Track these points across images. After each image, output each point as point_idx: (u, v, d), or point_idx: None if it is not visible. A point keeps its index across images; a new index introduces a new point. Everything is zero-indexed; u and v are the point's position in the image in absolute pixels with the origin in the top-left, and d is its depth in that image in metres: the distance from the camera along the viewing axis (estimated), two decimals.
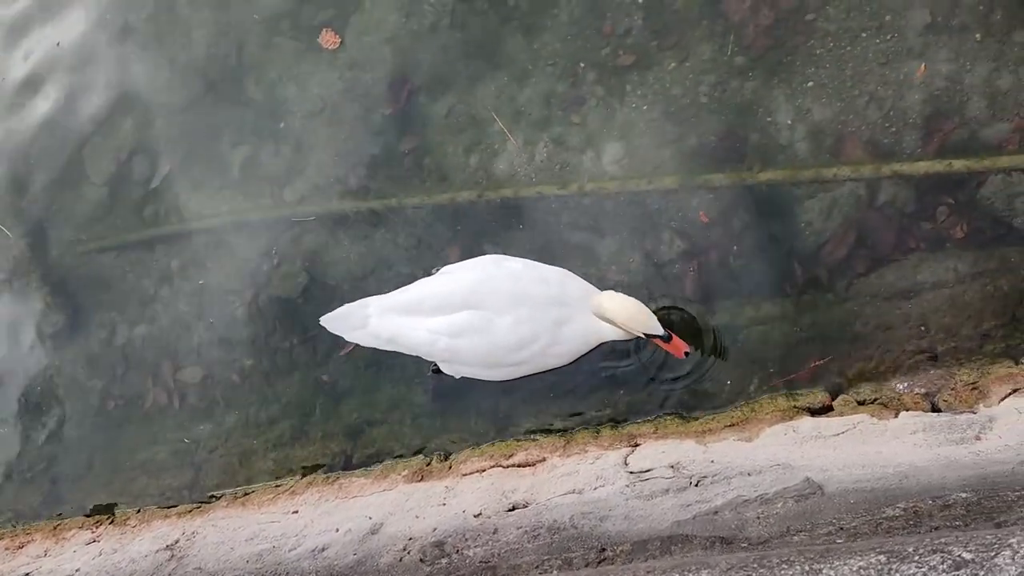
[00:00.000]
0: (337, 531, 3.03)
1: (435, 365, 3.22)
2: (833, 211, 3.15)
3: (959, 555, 1.45)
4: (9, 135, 4.28)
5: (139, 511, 3.50)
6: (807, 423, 2.87)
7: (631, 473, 2.89)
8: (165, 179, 4.00)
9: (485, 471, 3.13)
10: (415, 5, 3.77)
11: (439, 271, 3.18)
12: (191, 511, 3.38)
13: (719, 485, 2.72)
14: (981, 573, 1.41)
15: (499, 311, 2.92)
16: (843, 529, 2.28)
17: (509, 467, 3.12)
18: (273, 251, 3.76)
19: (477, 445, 3.29)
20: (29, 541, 3.47)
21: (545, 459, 3.10)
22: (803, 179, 3.16)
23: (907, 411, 2.79)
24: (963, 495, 2.25)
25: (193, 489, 3.52)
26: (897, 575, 1.45)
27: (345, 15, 3.86)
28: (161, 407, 3.71)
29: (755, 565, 1.56)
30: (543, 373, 3.13)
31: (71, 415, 3.83)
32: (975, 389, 2.78)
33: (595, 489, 2.88)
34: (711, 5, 3.38)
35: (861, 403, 2.91)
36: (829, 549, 1.58)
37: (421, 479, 3.19)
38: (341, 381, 3.55)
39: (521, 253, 3.17)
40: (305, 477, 3.39)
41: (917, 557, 1.48)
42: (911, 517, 2.20)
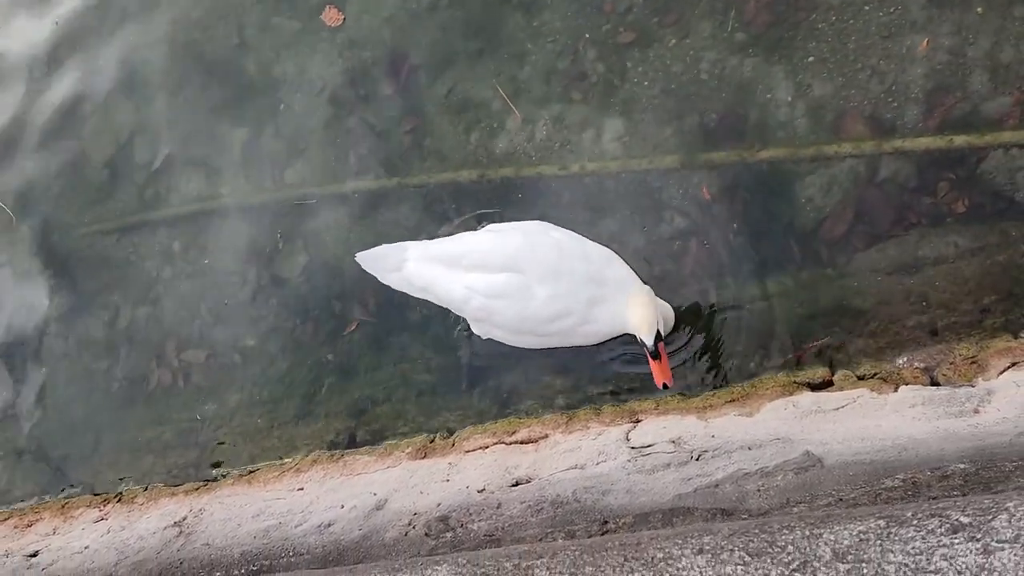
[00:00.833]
0: (342, 507, 3.06)
1: (466, 325, 3.19)
2: (833, 187, 3.16)
3: (957, 519, 1.48)
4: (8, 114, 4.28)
5: (146, 489, 3.53)
6: (807, 398, 2.89)
7: (633, 448, 2.92)
8: (166, 161, 4.00)
9: (488, 448, 3.16)
10: None
11: (485, 228, 3.15)
12: (198, 489, 3.41)
13: (720, 459, 2.75)
14: (978, 536, 1.43)
15: (539, 280, 2.89)
16: (842, 500, 2.30)
17: (512, 444, 3.14)
18: (275, 232, 3.78)
19: (480, 422, 3.31)
20: (37, 519, 3.50)
21: (547, 436, 3.12)
22: (803, 156, 3.16)
23: (907, 385, 2.80)
24: (961, 466, 2.27)
25: (199, 468, 3.55)
26: (896, 539, 1.47)
27: None
28: (166, 387, 3.74)
29: (756, 531, 1.59)
30: (564, 348, 3.13)
31: (77, 396, 3.85)
32: (974, 363, 2.80)
33: (597, 464, 2.90)
34: None
35: (861, 378, 2.93)
36: (829, 515, 1.61)
37: (425, 456, 3.22)
38: (344, 360, 3.57)
39: None
40: (310, 455, 3.41)
41: (916, 522, 1.50)
42: (909, 488, 2.22)
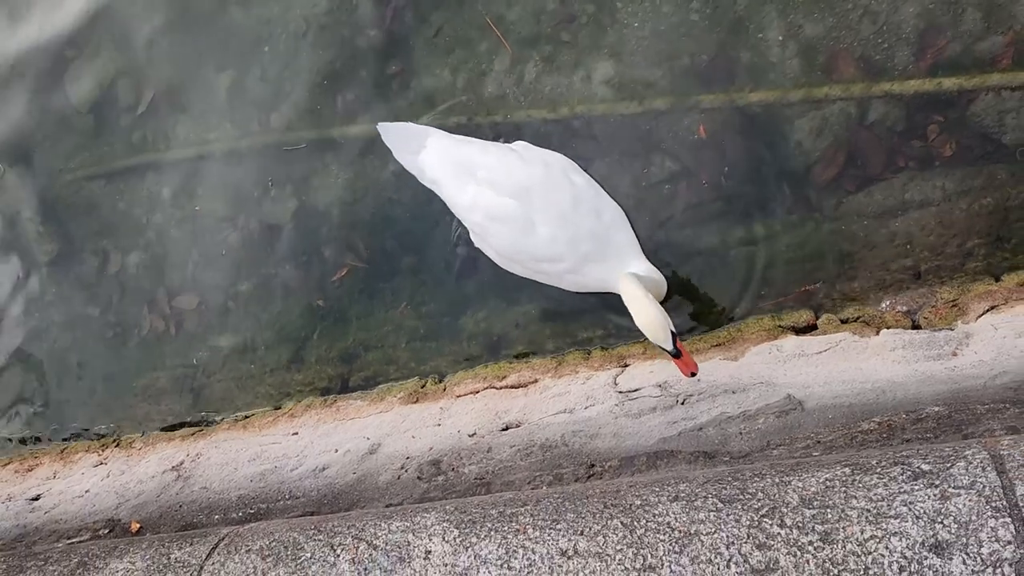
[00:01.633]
0: (336, 451, 3.14)
1: (459, 234, 3.21)
2: (823, 131, 3.14)
3: (918, 466, 1.53)
4: None
5: (143, 434, 3.60)
6: (791, 342, 2.94)
7: (620, 393, 2.98)
8: (151, 105, 3.96)
9: (479, 392, 3.22)
10: None
11: (513, 143, 3.14)
12: (194, 434, 3.48)
13: (704, 403, 2.81)
14: (937, 482, 1.49)
15: (544, 219, 2.88)
16: (820, 443, 2.37)
17: (502, 388, 3.20)
18: (263, 177, 3.76)
19: (470, 367, 3.36)
20: (37, 464, 3.58)
21: (537, 380, 3.18)
22: (793, 99, 3.13)
23: (888, 329, 2.85)
24: (936, 409, 2.33)
25: (194, 413, 3.62)
26: (860, 485, 1.53)
27: None
28: (159, 334, 3.78)
29: (729, 479, 1.64)
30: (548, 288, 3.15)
31: (71, 344, 3.90)
32: (955, 306, 2.84)
33: (586, 408, 2.97)
34: None
35: (844, 321, 2.97)
36: (799, 463, 1.66)
37: (416, 401, 3.28)
38: (335, 306, 3.60)
39: None
40: (303, 400, 3.48)
41: (879, 469, 1.56)
42: (884, 431, 2.29)
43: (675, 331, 2.63)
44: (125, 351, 3.84)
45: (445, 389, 3.30)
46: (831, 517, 1.51)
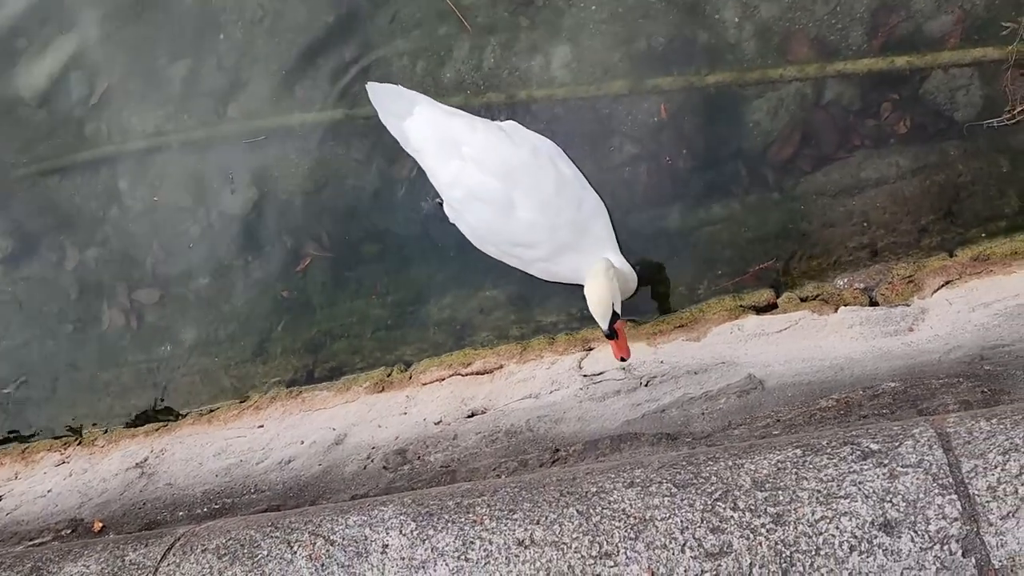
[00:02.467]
0: (302, 443, 3.13)
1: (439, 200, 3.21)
2: (780, 111, 3.16)
3: (867, 446, 1.56)
4: None
5: (106, 431, 3.57)
6: (752, 321, 2.97)
7: (585, 376, 2.99)
8: (104, 97, 3.88)
9: (444, 380, 3.22)
10: None
11: (503, 122, 3.12)
12: (158, 429, 3.45)
13: (667, 384, 2.83)
14: (886, 461, 1.52)
15: (525, 204, 2.86)
16: (780, 421, 2.41)
17: (468, 375, 3.21)
18: (223, 167, 3.71)
19: (436, 355, 3.36)
20: None
21: (503, 366, 3.18)
22: (750, 80, 3.15)
23: (846, 306, 2.89)
24: (892, 384, 2.38)
25: (158, 408, 3.58)
26: (811, 466, 1.56)
27: None
28: (119, 328, 3.73)
29: (683, 463, 1.66)
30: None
31: (29, 340, 3.83)
32: (911, 282, 2.89)
33: (551, 393, 2.98)
34: None
35: (804, 299, 3.01)
36: (752, 445, 1.69)
37: (382, 390, 3.28)
38: (299, 296, 3.58)
39: None
40: (268, 392, 3.46)
41: (829, 449, 1.58)
42: (842, 407, 2.32)
43: (618, 314, 2.64)
44: (86, 347, 3.79)
45: (411, 377, 3.30)
46: (783, 499, 1.54)
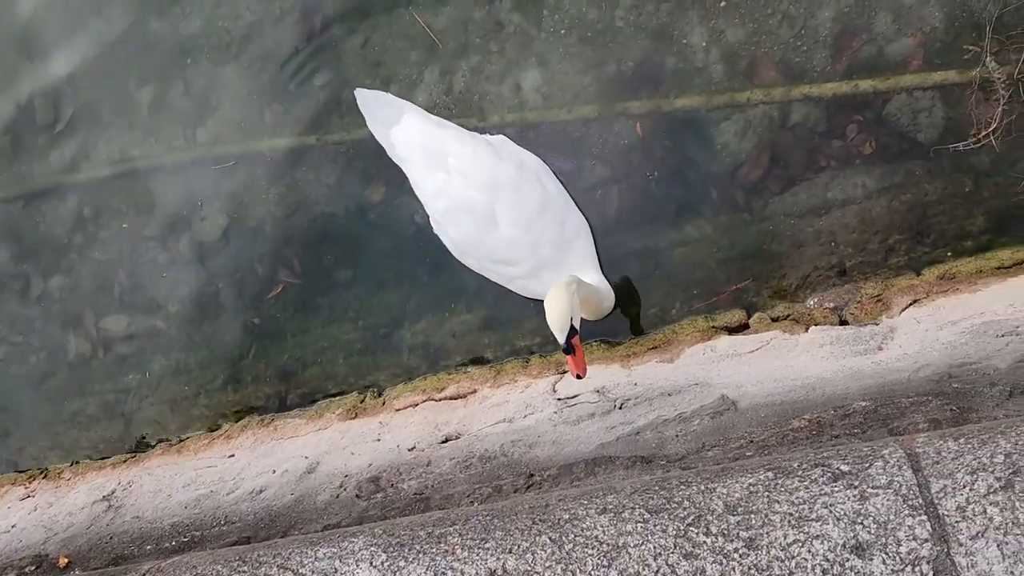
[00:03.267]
0: (274, 472, 3.08)
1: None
2: (748, 133, 3.19)
3: (837, 467, 1.57)
4: None
5: (72, 464, 3.49)
6: (724, 342, 2.98)
7: (559, 400, 2.98)
8: (70, 123, 3.83)
9: (418, 405, 3.19)
10: None
11: (492, 136, 3.12)
12: (126, 461, 3.38)
13: (641, 406, 2.83)
14: (856, 483, 1.52)
15: (508, 220, 2.86)
16: (753, 442, 2.41)
17: (442, 400, 3.18)
18: (191, 193, 3.67)
19: (410, 380, 3.34)
20: None
21: (476, 390, 3.16)
22: (718, 104, 3.18)
23: (816, 325, 2.91)
24: (863, 403, 2.39)
25: (126, 439, 3.51)
26: (782, 489, 1.55)
27: None
28: (86, 358, 3.66)
29: (656, 488, 1.66)
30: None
31: None
32: (879, 301, 2.92)
33: (525, 417, 2.97)
34: None
35: (775, 320, 3.03)
36: (724, 469, 1.68)
37: (355, 417, 3.24)
38: (271, 323, 3.54)
39: None
40: (240, 421, 3.40)
41: (800, 472, 1.58)
42: (814, 427, 2.33)
43: (576, 329, 2.59)
44: (52, 378, 3.71)
45: (384, 403, 3.27)
46: (755, 523, 1.53)
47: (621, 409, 2.86)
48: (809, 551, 1.49)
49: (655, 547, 1.54)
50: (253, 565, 1.85)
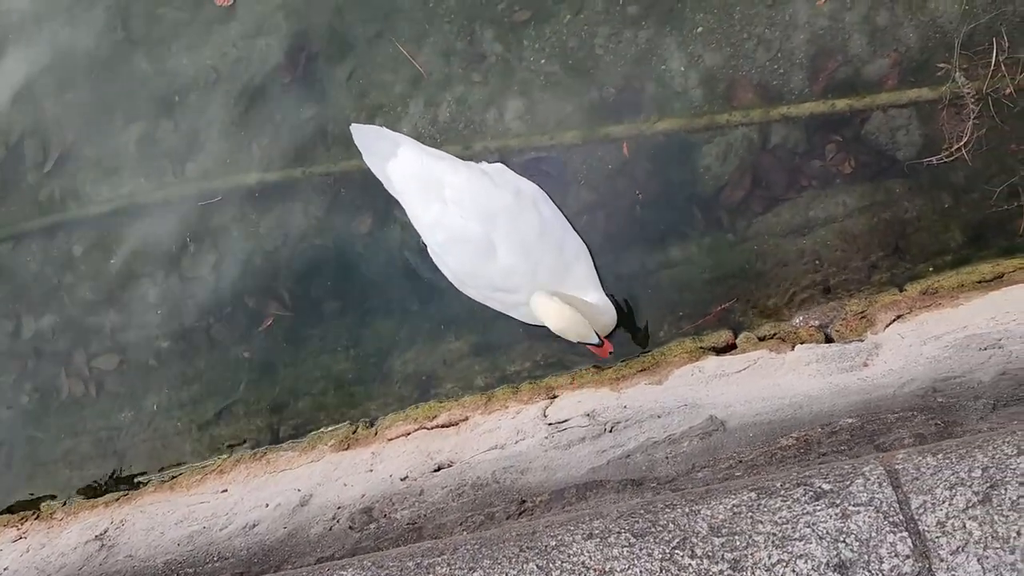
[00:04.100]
0: (267, 506, 3.07)
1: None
2: (729, 155, 3.24)
3: (819, 486, 1.58)
4: None
5: (65, 503, 3.48)
6: (712, 362, 3.00)
7: (550, 425, 2.99)
8: (58, 162, 3.86)
9: (410, 434, 3.20)
10: None
11: (489, 164, 3.14)
12: (118, 499, 3.37)
13: (631, 429, 2.84)
14: (838, 501, 1.54)
15: (506, 248, 2.87)
16: (742, 462, 2.42)
17: (433, 428, 3.19)
18: (181, 229, 3.70)
19: (401, 409, 3.34)
20: None
21: (468, 418, 3.17)
22: (698, 126, 3.23)
23: (803, 344, 2.93)
24: (849, 420, 2.41)
25: (118, 477, 3.51)
26: (765, 509, 1.57)
27: None
28: (78, 397, 3.66)
29: (641, 512, 1.67)
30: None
31: None
32: (864, 318, 2.94)
33: (516, 443, 2.97)
34: None
35: (761, 339, 3.05)
36: (708, 490, 1.70)
37: (348, 447, 3.24)
38: (262, 356, 3.55)
39: None
40: (232, 455, 3.40)
41: (783, 491, 1.60)
42: (802, 446, 2.35)
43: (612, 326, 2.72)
44: (44, 418, 3.71)
45: (376, 433, 3.27)
46: (739, 544, 1.54)
47: (611, 432, 2.87)
48: (793, 571, 1.50)
49: (641, 571, 1.55)
50: None
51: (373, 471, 3.07)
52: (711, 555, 1.54)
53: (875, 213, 3.11)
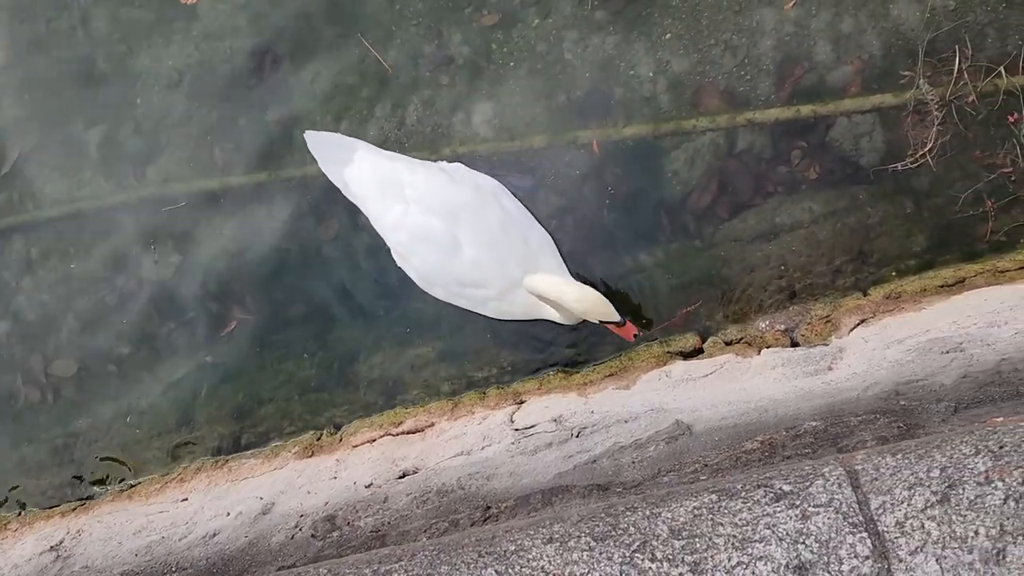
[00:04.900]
0: (228, 515, 3.01)
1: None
2: (696, 160, 3.25)
3: (779, 488, 1.57)
4: None
5: (20, 513, 3.38)
6: (679, 367, 2.99)
7: (516, 430, 2.96)
8: (16, 165, 3.77)
9: (375, 441, 3.15)
10: None
11: (446, 164, 3.12)
12: (75, 509, 3.28)
13: (599, 434, 2.82)
14: (797, 502, 1.53)
15: (471, 243, 2.86)
16: (707, 466, 2.41)
17: (399, 435, 3.15)
18: (142, 232, 3.63)
19: (367, 415, 3.30)
20: None
21: (434, 424, 3.14)
22: (665, 132, 3.24)
23: (768, 348, 2.94)
24: (813, 423, 2.41)
25: (76, 486, 3.42)
26: (726, 511, 1.55)
27: None
28: (34, 404, 3.57)
29: (602, 515, 1.64)
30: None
31: None
32: (828, 322, 2.96)
33: (482, 449, 2.94)
34: None
35: (728, 343, 3.05)
36: (669, 493, 1.68)
37: (312, 455, 3.19)
38: (225, 362, 3.49)
39: None
40: (193, 463, 3.33)
41: (744, 493, 1.58)
42: (767, 449, 2.34)
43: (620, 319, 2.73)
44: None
45: (341, 440, 3.22)
46: (700, 546, 1.52)
47: (578, 437, 2.85)
48: (753, 573, 1.48)
49: (601, 575, 1.53)
50: None
51: (337, 478, 3.02)
52: (671, 558, 1.53)
53: (840, 219, 3.13)
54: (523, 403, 3.11)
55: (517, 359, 3.30)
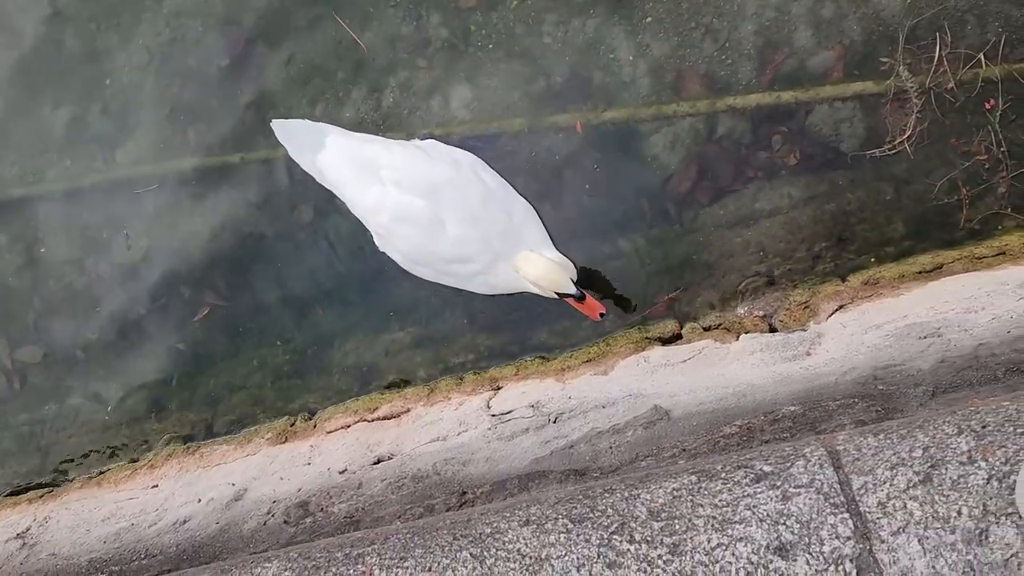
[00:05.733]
0: (199, 501, 2.95)
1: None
2: (676, 146, 3.22)
3: (760, 468, 1.55)
4: None
5: None
6: (658, 352, 2.97)
7: (493, 416, 2.93)
8: None
9: (350, 427, 3.11)
10: None
11: (421, 139, 3.06)
12: (42, 496, 3.21)
13: (576, 420, 2.80)
14: (778, 483, 1.51)
15: (454, 219, 2.82)
16: (685, 451, 2.39)
17: (374, 420, 3.11)
18: (111, 216, 3.54)
19: (341, 401, 3.25)
20: None
21: (409, 409, 3.10)
22: (645, 116, 3.21)
23: (747, 333, 2.93)
24: (791, 408, 2.40)
25: (43, 474, 3.34)
26: (705, 493, 1.53)
27: None
28: (0, 391, 3.47)
29: (580, 497, 1.62)
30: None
31: None
32: (807, 308, 2.95)
33: (459, 435, 2.91)
34: None
35: (707, 329, 3.04)
36: (648, 474, 1.65)
37: (285, 441, 3.14)
38: (197, 348, 3.42)
39: None
40: (164, 450, 3.26)
41: (724, 474, 1.56)
42: (745, 434, 2.33)
43: (575, 279, 2.69)
44: None
45: (316, 426, 3.17)
46: (679, 528, 1.50)
47: (555, 423, 2.82)
48: (733, 554, 1.46)
49: (578, 558, 1.50)
50: None
51: (311, 464, 2.97)
52: (650, 540, 1.50)
53: (819, 205, 3.12)
54: (500, 389, 3.07)
55: (494, 344, 3.26)
